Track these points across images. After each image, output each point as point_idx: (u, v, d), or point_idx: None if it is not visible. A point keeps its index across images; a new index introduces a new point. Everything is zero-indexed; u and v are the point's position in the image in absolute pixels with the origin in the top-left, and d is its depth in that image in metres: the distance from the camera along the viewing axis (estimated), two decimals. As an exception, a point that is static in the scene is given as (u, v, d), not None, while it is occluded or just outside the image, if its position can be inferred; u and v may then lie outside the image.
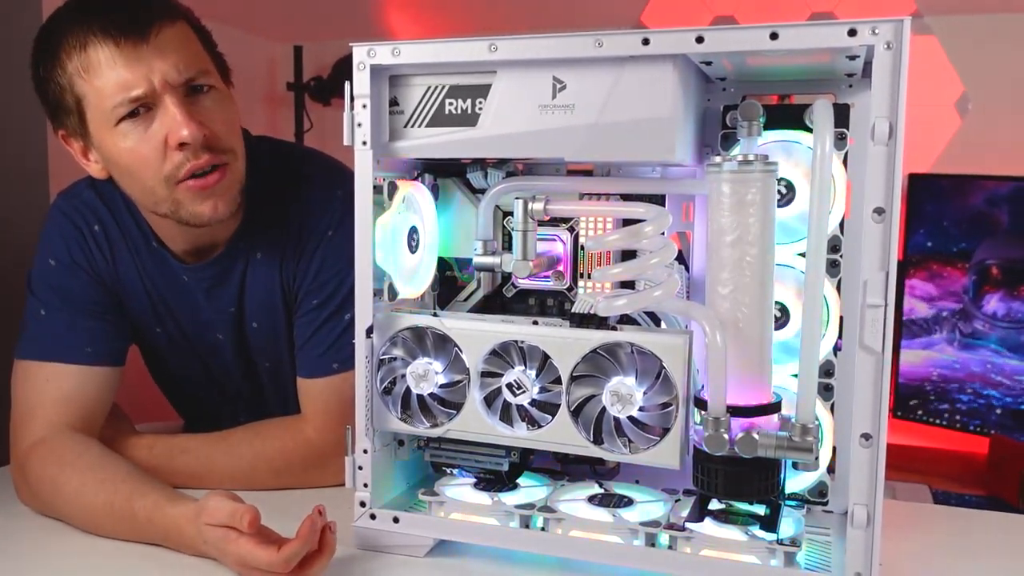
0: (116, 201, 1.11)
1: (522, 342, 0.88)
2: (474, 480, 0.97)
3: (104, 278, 1.12)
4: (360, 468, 0.92)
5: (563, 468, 1.02)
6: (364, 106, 0.88)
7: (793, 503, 0.93)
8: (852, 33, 0.73)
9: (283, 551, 0.81)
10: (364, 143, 0.88)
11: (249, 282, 1.12)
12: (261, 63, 2.90)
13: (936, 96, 2.34)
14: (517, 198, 0.89)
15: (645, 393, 0.84)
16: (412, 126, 0.90)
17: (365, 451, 0.92)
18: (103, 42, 0.95)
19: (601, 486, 0.96)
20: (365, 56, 0.87)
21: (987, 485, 2.09)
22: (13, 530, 0.99)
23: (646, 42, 0.78)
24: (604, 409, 0.85)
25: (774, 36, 0.75)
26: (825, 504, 0.94)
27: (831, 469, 0.93)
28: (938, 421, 2.20)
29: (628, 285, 0.92)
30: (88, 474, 0.97)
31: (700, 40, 0.77)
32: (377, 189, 0.89)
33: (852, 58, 0.80)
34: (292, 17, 2.82)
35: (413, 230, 0.95)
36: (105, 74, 0.95)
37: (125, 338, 1.14)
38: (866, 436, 0.76)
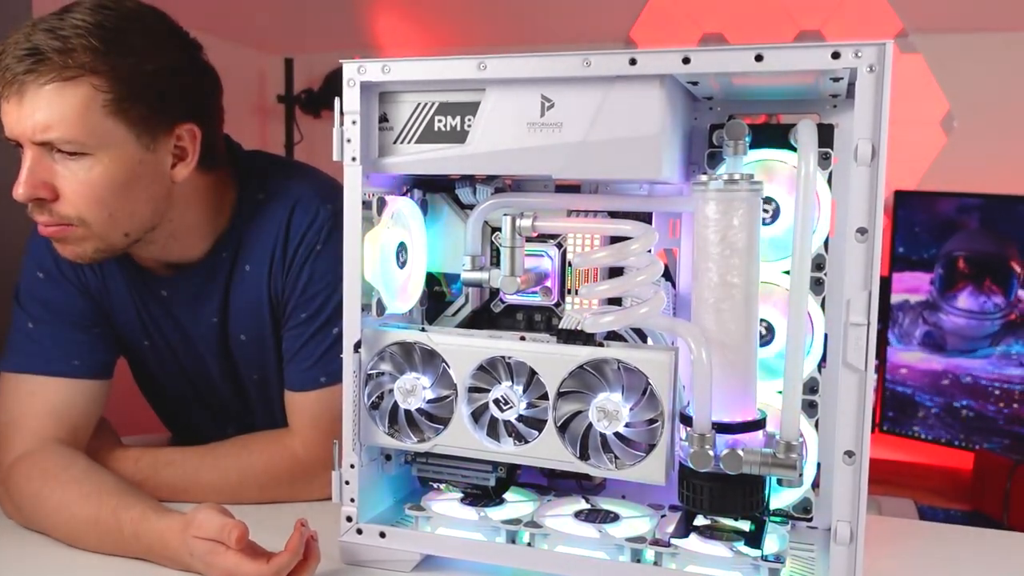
0: None
1: (509, 358, 0.88)
2: (461, 495, 0.97)
3: (92, 291, 1.12)
4: (347, 483, 0.92)
5: (550, 483, 1.02)
6: (354, 122, 0.88)
7: (778, 519, 0.93)
8: (836, 56, 0.74)
9: (272, 563, 0.81)
10: (353, 159, 0.89)
11: (235, 294, 1.12)
12: (252, 75, 2.91)
13: (922, 114, 2.37)
14: (505, 215, 0.90)
15: (631, 409, 0.84)
16: (401, 142, 0.91)
17: (352, 466, 0.92)
18: (0, 82, 0.94)
19: (587, 501, 0.97)
20: (355, 73, 0.88)
21: (972, 500, 2.11)
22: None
23: (633, 62, 0.79)
24: (591, 425, 0.85)
25: (759, 58, 0.76)
26: (810, 520, 0.95)
27: (816, 485, 0.94)
28: (923, 435, 2.22)
29: (615, 302, 0.93)
30: (73, 487, 0.97)
31: (686, 61, 0.78)
32: (366, 204, 0.89)
33: (836, 79, 0.81)
34: (283, 29, 2.84)
35: (401, 245, 0.95)
36: (2, 107, 0.95)
37: (112, 351, 1.14)
38: (849, 453, 0.77)
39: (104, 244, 1.01)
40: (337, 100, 0.89)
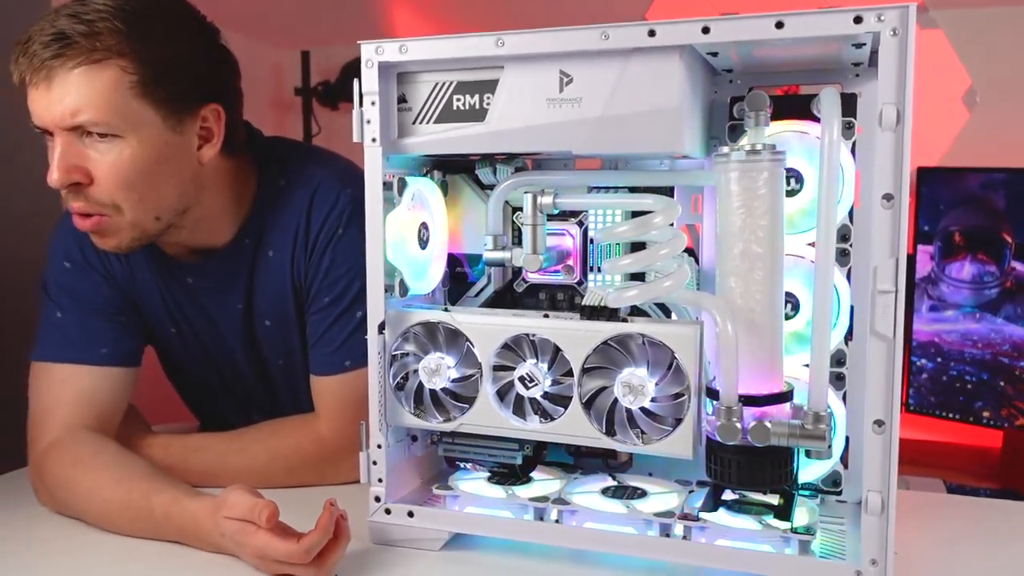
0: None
1: (533, 335, 0.88)
2: (488, 474, 0.97)
3: (119, 279, 1.13)
4: (374, 463, 0.92)
5: (576, 462, 1.02)
6: (373, 103, 0.88)
7: (807, 493, 0.93)
8: (858, 20, 0.73)
9: (303, 541, 0.81)
10: (373, 140, 0.89)
11: (259, 280, 1.13)
12: (268, 69, 2.92)
13: (943, 90, 2.34)
14: (526, 192, 0.90)
15: (657, 384, 0.84)
16: (420, 122, 0.91)
17: (379, 446, 0.92)
18: (25, 71, 0.95)
19: (614, 479, 0.97)
20: (373, 53, 0.88)
21: (1001, 478, 2.08)
22: (31, 532, 1.00)
23: (652, 33, 0.79)
24: (616, 400, 0.85)
25: (779, 25, 0.75)
26: (839, 494, 0.94)
27: (844, 460, 0.93)
28: (951, 415, 2.20)
29: (638, 278, 0.92)
30: (104, 472, 0.98)
31: (706, 31, 0.77)
32: (387, 185, 0.90)
33: (858, 46, 0.80)
34: (299, 23, 2.84)
35: (423, 226, 0.95)
36: (29, 95, 0.97)
37: (139, 339, 1.15)
38: (879, 423, 0.76)
39: (138, 231, 1.02)
40: (356, 81, 0.89)
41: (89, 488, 0.97)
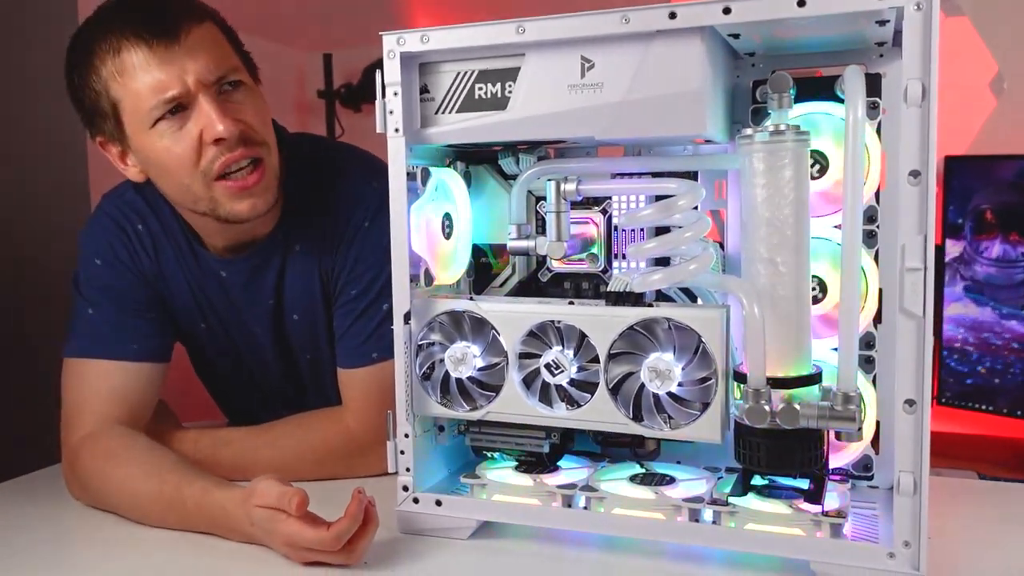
0: (158, 201, 1.14)
1: (559, 322, 0.88)
2: (515, 463, 0.97)
3: (148, 276, 1.14)
4: (402, 453, 0.93)
5: (603, 451, 1.01)
6: (395, 94, 0.89)
7: (837, 478, 0.92)
8: (881, -4, 0.73)
9: (333, 528, 0.82)
10: (396, 130, 0.89)
11: (288, 275, 1.14)
12: (291, 72, 2.94)
13: (970, 77, 2.31)
14: (549, 179, 0.90)
15: (683, 368, 0.83)
16: (443, 112, 0.91)
17: (407, 435, 0.92)
18: (136, 46, 0.97)
19: (642, 466, 0.96)
20: (395, 44, 0.88)
21: (1037, 470, 2.05)
22: (63, 526, 1.02)
23: (673, 16, 0.79)
24: (643, 386, 0.84)
25: (802, 3, 0.75)
26: (870, 479, 0.93)
27: (875, 445, 0.92)
28: (984, 407, 2.17)
29: (663, 264, 0.92)
30: (136, 465, 0.99)
31: (727, 11, 0.77)
32: (410, 176, 0.90)
33: (882, 24, 0.79)
34: (320, 26, 2.86)
35: (447, 216, 0.95)
36: (140, 77, 0.98)
37: (170, 335, 1.17)
38: (910, 402, 0.75)
39: (277, 179, 1.07)
40: (378, 72, 0.89)
41: (121, 480, 0.99)
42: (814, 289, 0.87)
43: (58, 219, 1.99)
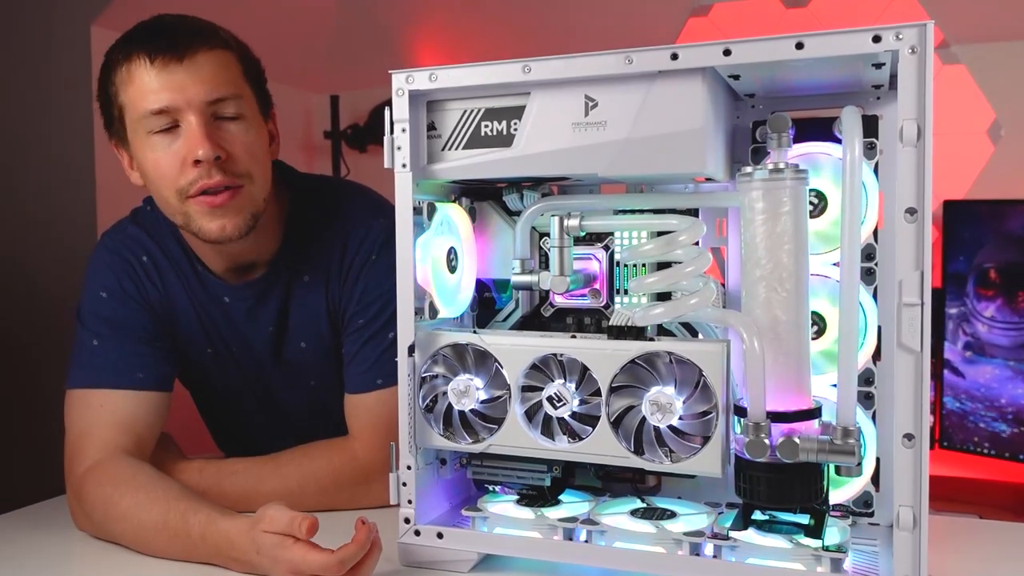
0: (161, 230, 1.17)
1: (561, 355, 0.89)
2: (517, 496, 0.98)
3: (154, 305, 1.16)
4: (404, 484, 0.93)
5: (604, 486, 1.02)
6: (403, 130, 0.91)
7: (838, 514, 0.92)
8: (877, 39, 0.75)
9: (339, 553, 0.83)
10: (404, 165, 0.91)
11: (293, 303, 1.17)
12: (298, 113, 2.98)
13: (968, 124, 2.34)
14: (553, 215, 0.91)
15: (684, 402, 0.84)
16: (449, 149, 0.93)
17: (409, 467, 0.93)
18: (141, 58, 1.03)
19: (643, 501, 0.97)
20: (404, 82, 0.91)
21: (1040, 514, 2.04)
22: (67, 557, 1.02)
23: (675, 57, 0.81)
24: (644, 419, 0.85)
25: (800, 46, 0.77)
26: (871, 515, 0.93)
27: (876, 481, 0.93)
28: (986, 451, 2.16)
29: (664, 299, 0.93)
30: (141, 493, 0.99)
31: (727, 53, 0.79)
32: (417, 211, 0.92)
33: (878, 67, 0.82)
34: (328, 68, 2.91)
35: (452, 251, 0.97)
36: (138, 86, 1.03)
37: (173, 365, 1.18)
38: (908, 436, 0.76)
39: (256, 208, 1.08)
40: (387, 109, 0.91)
41: (127, 509, 0.99)
42: (813, 325, 0.88)
43: (67, 251, 2.01)
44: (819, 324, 0.90)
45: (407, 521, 0.93)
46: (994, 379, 2.13)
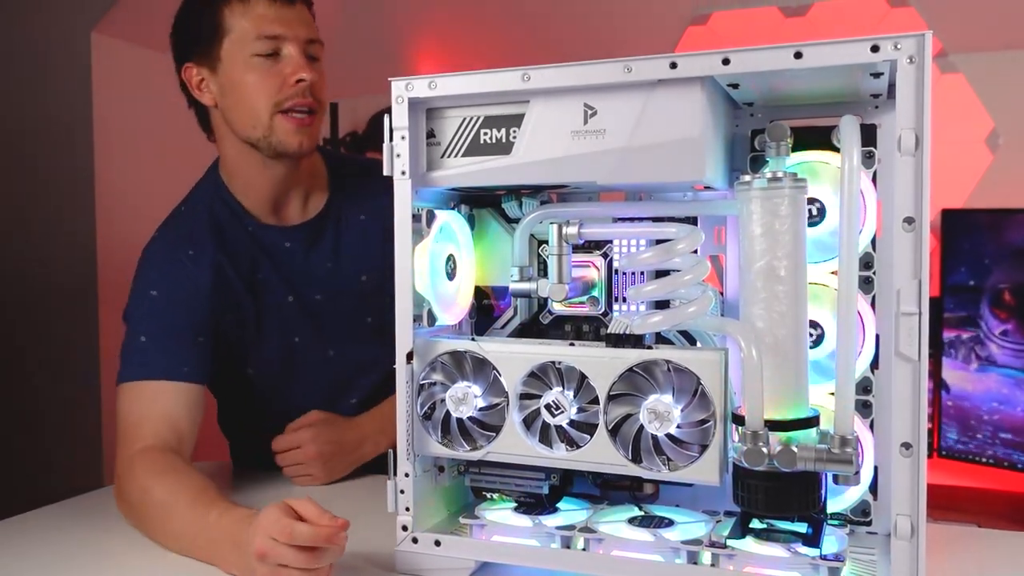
0: (199, 217, 1.29)
1: (559, 363, 0.89)
2: (514, 504, 0.98)
3: (203, 294, 1.24)
4: (402, 492, 0.93)
5: (602, 494, 1.02)
6: (403, 138, 0.91)
7: (836, 523, 0.92)
8: (875, 49, 0.75)
9: (298, 525, 0.86)
10: (403, 173, 0.91)
11: (351, 237, 1.33)
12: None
13: (966, 133, 2.35)
14: (552, 223, 0.91)
15: (682, 410, 0.84)
16: (448, 156, 0.93)
17: (407, 475, 0.93)
18: None
19: (641, 509, 0.97)
20: (403, 90, 0.91)
21: (1038, 523, 2.04)
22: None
23: (674, 66, 0.81)
24: (642, 427, 0.85)
25: (798, 55, 0.77)
26: (868, 524, 0.93)
27: (874, 490, 0.93)
28: (985, 460, 2.16)
29: (663, 307, 0.93)
30: (174, 487, 1.05)
31: (726, 62, 0.80)
32: (416, 218, 0.92)
33: (876, 76, 0.82)
34: (328, 76, 2.91)
35: (450, 258, 0.97)
36: (256, 16, 1.22)
37: (212, 362, 1.25)
38: (906, 445, 0.76)
39: (318, 136, 1.29)
40: (386, 117, 0.91)
41: (164, 500, 1.04)
42: (812, 334, 0.88)
43: (66, 257, 2.01)
44: (818, 333, 0.90)
45: (405, 528, 0.93)
46: (994, 389, 2.13)
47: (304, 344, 1.33)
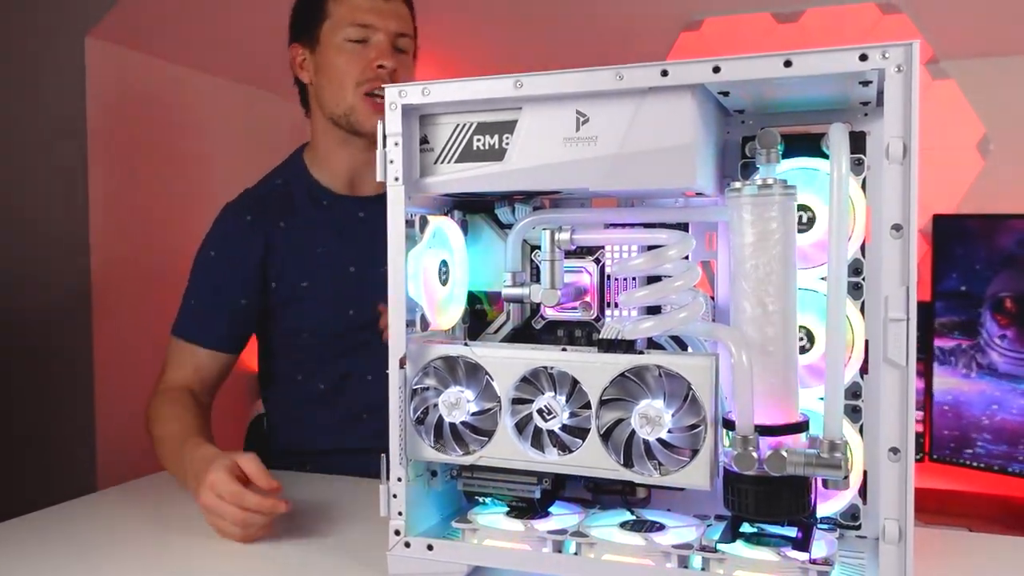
0: (271, 190, 1.47)
1: (552, 368, 0.90)
2: (507, 508, 0.98)
3: (252, 257, 1.41)
4: (395, 496, 0.93)
5: (594, 498, 1.02)
6: (396, 144, 0.92)
7: (826, 527, 0.93)
8: (863, 58, 0.76)
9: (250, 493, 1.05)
10: (396, 179, 0.92)
11: None
12: (287, 123, 2.98)
13: (958, 139, 2.36)
14: (544, 229, 0.92)
15: (673, 415, 0.85)
16: (442, 162, 0.94)
17: (400, 479, 0.93)
18: None
19: (632, 513, 0.97)
20: (396, 96, 0.91)
21: (1029, 527, 2.05)
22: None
23: (665, 73, 0.82)
24: (633, 432, 0.86)
25: (788, 63, 0.78)
26: (858, 528, 0.94)
27: (863, 494, 0.93)
28: (975, 464, 2.17)
29: (655, 312, 0.94)
30: (177, 420, 1.29)
31: (717, 70, 0.80)
32: (409, 224, 0.92)
33: (865, 84, 0.83)
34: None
35: (444, 263, 0.98)
36: (354, 8, 1.41)
37: (249, 327, 1.45)
38: (894, 450, 0.77)
39: None
40: (380, 123, 0.92)
41: (162, 428, 1.30)
42: (801, 339, 0.89)
43: (59, 262, 2.01)
44: (808, 338, 0.91)
45: (397, 533, 0.94)
46: (986, 393, 2.14)
47: (358, 316, 1.42)
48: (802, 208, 0.90)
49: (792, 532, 0.87)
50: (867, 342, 0.91)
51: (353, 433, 1.45)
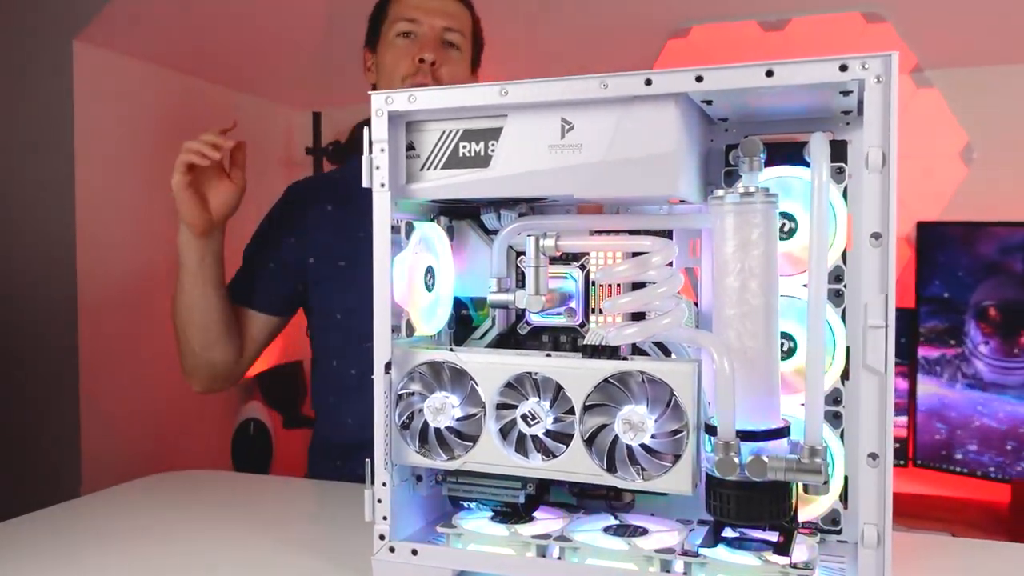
0: (333, 176, 1.68)
1: (536, 374, 0.90)
2: (491, 513, 0.99)
3: (296, 231, 1.53)
4: (379, 501, 0.94)
5: (579, 503, 1.03)
6: (382, 150, 0.92)
7: (807, 532, 0.94)
8: (843, 68, 0.77)
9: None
10: (382, 185, 0.92)
11: None
12: (280, 129, 2.99)
13: (941, 147, 2.39)
14: (529, 235, 0.93)
15: (656, 420, 0.86)
16: (428, 169, 0.94)
17: (384, 484, 0.94)
18: None
19: (616, 518, 0.98)
20: (383, 103, 0.92)
21: (1011, 532, 2.07)
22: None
23: (648, 82, 0.83)
24: (617, 437, 0.87)
25: (770, 73, 0.79)
26: (839, 533, 0.95)
27: (844, 499, 0.94)
28: (958, 469, 2.19)
29: (638, 319, 0.95)
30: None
31: (699, 79, 0.81)
32: (395, 229, 0.93)
33: (846, 94, 0.84)
34: (311, 85, 2.92)
35: (429, 269, 0.98)
36: (403, 5, 1.50)
37: (287, 289, 1.56)
38: (873, 456, 0.78)
39: None
40: (366, 129, 0.93)
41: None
42: (783, 345, 0.90)
43: (46, 266, 2.01)
44: (790, 345, 0.92)
45: (382, 538, 0.94)
46: (972, 398, 2.16)
47: None
48: (785, 216, 0.91)
49: (773, 537, 0.88)
50: (848, 349, 0.93)
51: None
